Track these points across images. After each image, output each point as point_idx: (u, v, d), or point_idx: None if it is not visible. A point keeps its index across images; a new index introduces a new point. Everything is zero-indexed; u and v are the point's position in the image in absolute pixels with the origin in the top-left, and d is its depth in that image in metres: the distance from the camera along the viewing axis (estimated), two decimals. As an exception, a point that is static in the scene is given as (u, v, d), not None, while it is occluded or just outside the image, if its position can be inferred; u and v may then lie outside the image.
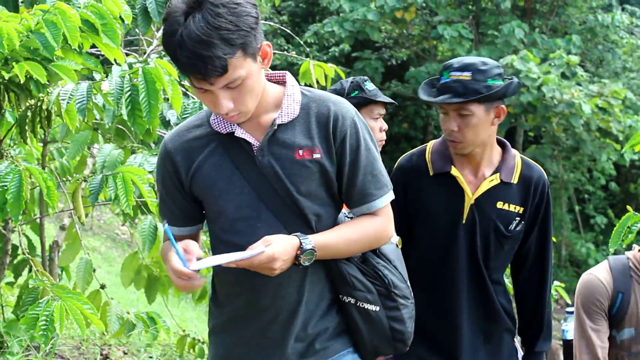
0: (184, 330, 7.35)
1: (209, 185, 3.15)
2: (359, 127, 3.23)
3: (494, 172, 4.17)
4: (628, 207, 6.34)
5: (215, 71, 2.80)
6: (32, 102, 5.26)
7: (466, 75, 3.95)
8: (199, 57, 2.77)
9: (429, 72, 26.22)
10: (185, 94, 6.17)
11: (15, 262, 6.15)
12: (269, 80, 3.20)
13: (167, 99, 5.29)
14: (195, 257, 2.95)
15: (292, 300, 3.16)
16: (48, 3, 4.77)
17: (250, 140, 3.10)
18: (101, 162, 5.41)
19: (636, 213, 6.01)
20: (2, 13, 4.86)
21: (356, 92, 4.68)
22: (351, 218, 3.26)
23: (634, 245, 4.60)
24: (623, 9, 26.86)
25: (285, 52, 10.26)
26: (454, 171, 4.15)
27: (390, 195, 3.29)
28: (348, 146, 3.17)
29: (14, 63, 4.73)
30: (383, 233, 3.27)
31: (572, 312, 4.69)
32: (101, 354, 7.25)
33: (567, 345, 4.65)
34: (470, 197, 4.13)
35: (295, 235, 3.00)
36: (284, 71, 3.23)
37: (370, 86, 4.75)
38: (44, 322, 4.88)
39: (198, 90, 2.95)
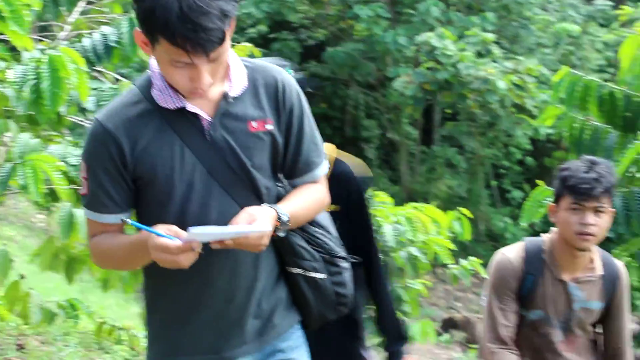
0: (101, 318, 7.28)
1: (157, 165, 2.99)
2: (302, 96, 3.26)
3: None
4: (539, 181, 6.50)
5: (215, 43, 2.75)
6: None
7: None
8: (203, 28, 2.70)
9: (345, 51, 26.22)
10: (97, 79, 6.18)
11: None
12: None
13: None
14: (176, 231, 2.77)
15: (248, 276, 3.12)
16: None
17: (202, 115, 3.02)
18: (19, 151, 5.36)
19: (547, 187, 6.15)
20: None
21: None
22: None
23: (552, 228, 4.67)
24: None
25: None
26: None
27: (326, 162, 3.36)
28: (295, 116, 3.18)
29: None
30: (325, 199, 3.34)
31: (485, 293, 4.69)
32: (17, 345, 7.20)
33: (463, 322, 4.72)
34: None
35: (270, 206, 2.95)
36: None
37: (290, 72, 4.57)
38: None
39: (175, 65, 2.82)
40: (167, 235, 2.74)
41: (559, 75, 6.12)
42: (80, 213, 4.91)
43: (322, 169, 3.29)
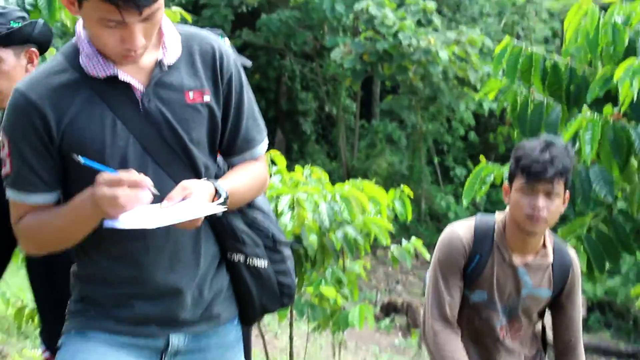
0: (22, 301, 7.26)
1: (87, 139, 2.85)
2: (240, 67, 3.18)
3: None
4: (482, 157, 6.56)
5: None
6: None
7: None
8: None
9: (280, 19, 26.07)
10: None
11: None
12: None
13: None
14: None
15: (189, 261, 3.05)
16: None
17: (135, 85, 2.90)
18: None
19: (490, 164, 6.22)
20: None
21: None
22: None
23: (508, 207, 4.70)
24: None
25: None
26: None
27: (267, 139, 3.30)
28: (234, 88, 3.11)
29: None
30: (266, 180, 3.32)
31: (429, 272, 4.72)
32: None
33: (404, 305, 4.76)
34: None
35: (209, 182, 2.88)
36: None
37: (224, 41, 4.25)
38: None
39: (105, 25, 2.66)
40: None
41: (501, 46, 6.16)
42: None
43: (263, 146, 3.24)
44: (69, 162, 2.88)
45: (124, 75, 2.88)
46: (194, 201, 2.74)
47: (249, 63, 4.65)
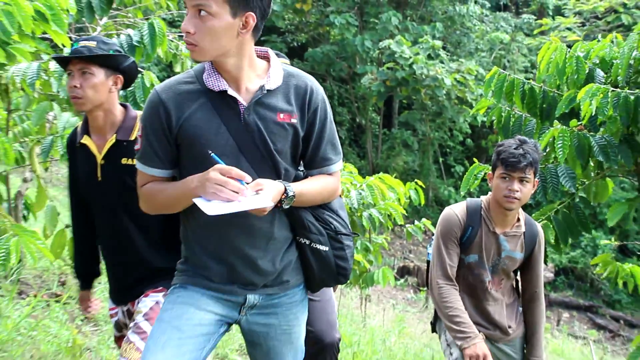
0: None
1: (197, 134, 2.96)
2: (327, 103, 3.21)
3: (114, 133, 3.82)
4: (475, 159, 6.54)
5: None
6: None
7: (92, 43, 3.74)
8: None
9: (323, 52, 26.22)
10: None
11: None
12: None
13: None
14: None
15: (263, 238, 3.08)
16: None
17: (240, 100, 2.97)
18: (62, 127, 5.39)
19: (481, 164, 6.20)
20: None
21: None
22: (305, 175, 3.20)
23: (490, 192, 4.73)
24: (475, 2, 27.05)
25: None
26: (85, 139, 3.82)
27: (342, 161, 3.31)
28: (318, 117, 3.13)
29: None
30: (336, 191, 3.28)
31: (433, 240, 4.73)
32: (59, 281, 7.19)
33: (429, 263, 4.75)
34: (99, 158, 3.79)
35: (281, 182, 2.93)
36: (267, 48, 3.17)
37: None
38: (3, 254, 4.91)
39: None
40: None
41: (490, 74, 6.14)
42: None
43: (337, 166, 3.23)
44: (181, 149, 3.01)
45: (231, 91, 2.95)
46: (262, 195, 2.78)
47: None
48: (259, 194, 2.80)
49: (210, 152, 2.87)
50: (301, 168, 3.22)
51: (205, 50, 2.87)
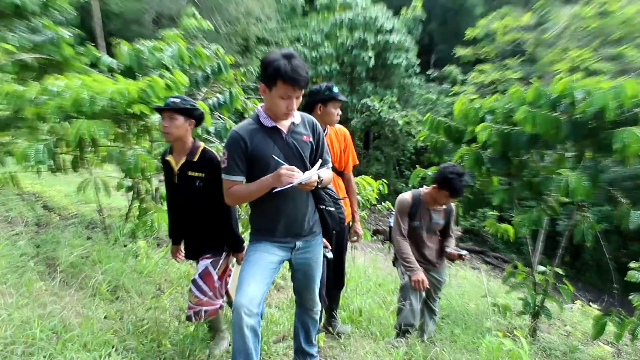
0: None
1: (260, 152, 3.04)
2: (322, 129, 3.33)
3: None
4: (417, 166, 6.55)
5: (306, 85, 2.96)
6: (141, 123, 5.34)
7: (177, 100, 3.67)
8: (306, 81, 2.96)
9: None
10: (217, 118, 6.23)
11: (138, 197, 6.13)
12: None
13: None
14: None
15: (302, 206, 3.20)
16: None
17: (283, 130, 3.10)
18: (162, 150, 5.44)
19: (422, 168, 6.21)
20: (125, 81, 4.97)
21: (327, 92, 4.22)
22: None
23: (425, 186, 4.76)
24: (416, 76, 26.94)
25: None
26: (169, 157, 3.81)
27: (330, 161, 3.35)
28: (320, 138, 3.23)
29: (134, 105, 4.84)
30: (332, 176, 3.34)
31: (393, 213, 4.75)
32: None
33: (391, 228, 4.76)
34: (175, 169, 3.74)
35: (314, 170, 3.01)
36: None
37: (335, 89, 4.26)
38: (149, 223, 4.94)
39: (283, 97, 2.95)
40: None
41: (426, 118, 6.17)
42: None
43: (330, 164, 3.26)
44: (252, 162, 3.07)
45: (279, 126, 3.10)
46: (308, 175, 2.93)
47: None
48: (306, 174, 2.93)
49: (274, 156, 3.01)
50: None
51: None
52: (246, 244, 3.54)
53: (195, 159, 3.70)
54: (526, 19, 21.53)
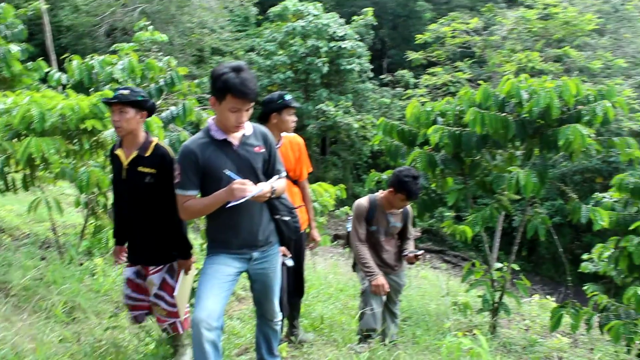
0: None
1: (213, 166, 3.00)
2: (274, 140, 3.28)
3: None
4: (372, 170, 6.57)
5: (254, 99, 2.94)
6: (94, 138, 5.19)
7: (126, 92, 3.48)
8: (256, 94, 2.94)
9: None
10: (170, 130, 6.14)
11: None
12: None
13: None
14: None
15: (257, 218, 3.15)
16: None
17: (234, 142, 3.04)
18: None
19: (377, 172, 6.24)
20: (77, 97, 4.84)
21: (280, 100, 4.17)
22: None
23: (381, 190, 4.77)
24: (370, 81, 27.15)
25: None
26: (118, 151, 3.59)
27: (284, 171, 3.32)
28: (272, 149, 3.19)
29: (86, 121, 4.71)
30: (286, 186, 3.32)
31: (350, 218, 4.73)
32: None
33: (349, 232, 4.75)
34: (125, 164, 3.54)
35: (268, 182, 2.99)
36: None
37: (288, 97, 4.23)
38: (105, 240, 4.78)
39: (232, 110, 2.91)
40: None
41: (379, 122, 6.19)
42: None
43: (283, 174, 3.24)
44: (205, 176, 3.03)
45: (229, 138, 3.05)
46: (261, 187, 2.91)
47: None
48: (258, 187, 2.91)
49: (226, 171, 2.95)
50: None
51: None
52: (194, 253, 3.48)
53: (148, 154, 3.51)
54: (474, 22, 21.91)
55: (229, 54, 27.64)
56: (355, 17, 27.66)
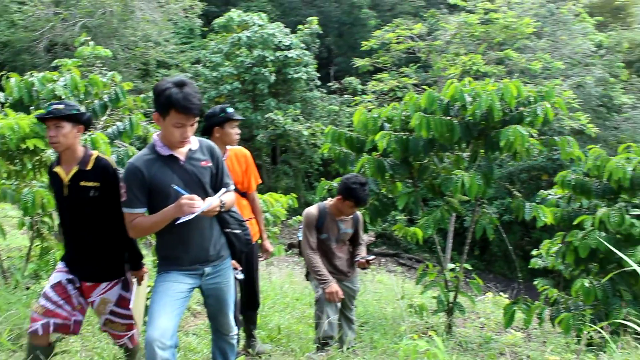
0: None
1: (160, 182, 2.97)
2: (220, 153, 3.24)
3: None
4: (323, 179, 6.60)
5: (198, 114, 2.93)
6: (36, 158, 5.06)
7: (60, 106, 3.32)
8: (200, 108, 2.93)
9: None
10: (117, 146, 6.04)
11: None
12: None
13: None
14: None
15: (207, 232, 3.13)
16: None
17: (180, 158, 3.02)
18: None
19: (327, 180, 6.26)
20: (17, 116, 4.72)
21: (222, 113, 4.16)
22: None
23: (330, 197, 4.80)
24: (317, 89, 27.28)
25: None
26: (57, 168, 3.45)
27: (233, 184, 3.30)
28: (219, 162, 3.17)
29: (27, 140, 4.59)
30: (234, 199, 3.32)
31: (301, 227, 4.75)
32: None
33: (299, 242, 4.75)
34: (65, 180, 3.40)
35: (216, 196, 2.99)
36: None
37: (229, 109, 4.22)
38: (52, 262, 4.67)
39: (177, 125, 2.89)
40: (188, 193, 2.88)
41: (327, 130, 6.22)
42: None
43: (232, 187, 3.23)
44: (152, 192, 3.00)
45: (175, 154, 3.03)
46: (210, 202, 2.91)
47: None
48: (206, 202, 2.90)
49: (173, 186, 2.92)
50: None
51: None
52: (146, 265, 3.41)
53: (89, 167, 3.39)
54: (418, 28, 22.31)
55: (175, 66, 27.33)
56: (300, 26, 27.76)
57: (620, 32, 27.81)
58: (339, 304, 4.54)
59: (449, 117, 5.40)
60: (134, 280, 3.63)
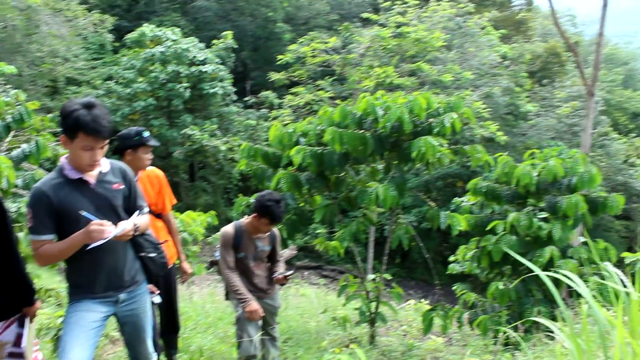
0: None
1: (69, 207, 2.86)
2: (133, 176, 3.19)
3: None
4: (240, 195, 6.55)
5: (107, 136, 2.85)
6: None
7: None
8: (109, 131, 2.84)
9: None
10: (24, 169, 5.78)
11: None
12: None
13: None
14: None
15: (121, 257, 3.05)
16: None
17: (90, 181, 2.94)
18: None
19: (245, 196, 6.23)
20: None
21: (137, 137, 4.09)
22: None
23: (247, 215, 4.79)
24: (234, 104, 27.15)
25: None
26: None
27: (147, 206, 3.25)
28: (132, 184, 3.12)
29: None
30: (149, 222, 3.25)
31: (219, 247, 4.72)
32: None
33: (216, 262, 4.71)
34: None
35: (130, 220, 2.93)
36: None
37: (145, 134, 4.15)
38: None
39: (85, 148, 2.80)
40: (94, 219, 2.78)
41: (243, 145, 6.20)
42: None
43: (146, 209, 3.20)
44: (60, 218, 2.88)
45: (84, 177, 2.94)
46: (122, 226, 2.85)
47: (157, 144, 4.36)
48: (119, 227, 2.85)
49: (82, 212, 2.83)
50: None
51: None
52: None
53: None
54: (332, 41, 22.68)
55: (86, 83, 26.46)
56: (215, 41, 27.64)
57: (522, 45, 29.41)
58: (260, 322, 4.52)
59: (362, 131, 5.51)
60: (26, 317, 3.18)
